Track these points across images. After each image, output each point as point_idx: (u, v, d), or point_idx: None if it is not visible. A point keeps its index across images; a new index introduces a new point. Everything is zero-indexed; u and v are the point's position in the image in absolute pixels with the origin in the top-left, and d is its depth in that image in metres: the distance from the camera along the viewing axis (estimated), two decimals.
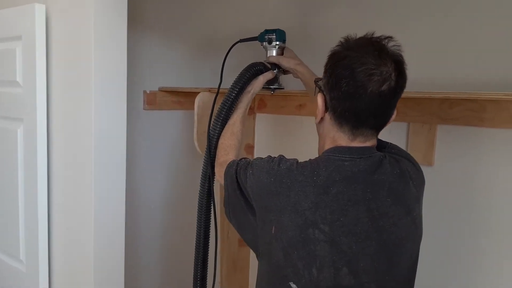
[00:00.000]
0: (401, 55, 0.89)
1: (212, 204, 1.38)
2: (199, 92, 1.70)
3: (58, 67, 1.43)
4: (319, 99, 0.95)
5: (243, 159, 1.09)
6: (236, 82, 1.30)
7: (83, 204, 1.39)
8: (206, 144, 1.30)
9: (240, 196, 1.03)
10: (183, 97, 1.96)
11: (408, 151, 1.51)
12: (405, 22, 1.49)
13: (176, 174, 2.04)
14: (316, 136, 1.05)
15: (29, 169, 1.49)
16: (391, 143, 1.04)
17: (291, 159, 0.97)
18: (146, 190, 1.92)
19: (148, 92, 1.85)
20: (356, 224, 0.87)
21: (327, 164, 0.91)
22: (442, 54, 1.44)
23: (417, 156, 1.06)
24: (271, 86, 1.40)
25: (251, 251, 2.02)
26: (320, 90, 0.96)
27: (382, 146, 1.01)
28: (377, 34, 0.91)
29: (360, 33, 0.93)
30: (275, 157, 0.99)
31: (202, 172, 1.36)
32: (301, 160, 0.97)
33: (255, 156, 1.95)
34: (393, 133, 1.53)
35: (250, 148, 1.94)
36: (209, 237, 1.42)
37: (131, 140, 1.44)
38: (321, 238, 0.87)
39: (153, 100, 1.87)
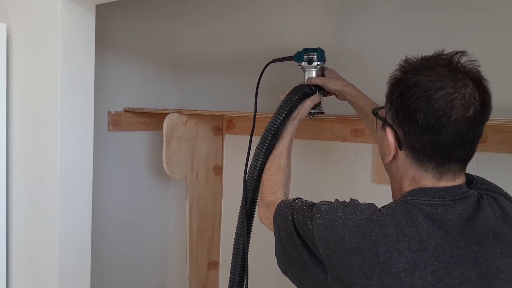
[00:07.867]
0: (478, 71, 0.77)
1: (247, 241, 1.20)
2: (165, 113, 1.69)
3: (20, 87, 1.38)
4: (389, 135, 0.81)
5: (297, 201, 0.93)
6: (282, 107, 1.15)
7: (46, 229, 1.34)
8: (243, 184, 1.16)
9: (301, 247, 0.85)
10: (149, 118, 1.94)
11: (374, 172, 1.54)
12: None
13: (143, 195, 1.99)
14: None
15: None
16: (478, 176, 0.89)
17: (367, 204, 0.81)
18: (111, 212, 1.86)
19: (113, 113, 1.81)
20: (462, 284, 0.73)
21: (415, 211, 0.76)
22: None
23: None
24: (311, 110, 1.27)
25: (220, 274, 2.00)
26: (388, 124, 0.82)
27: (469, 180, 0.86)
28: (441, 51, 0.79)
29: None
30: (346, 202, 0.82)
31: (240, 212, 1.20)
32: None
33: (224, 178, 1.94)
34: (358, 154, 1.57)
35: (219, 169, 1.93)
36: (243, 282, 1.23)
37: (95, 162, 1.41)
38: None
39: (118, 121, 1.84)
